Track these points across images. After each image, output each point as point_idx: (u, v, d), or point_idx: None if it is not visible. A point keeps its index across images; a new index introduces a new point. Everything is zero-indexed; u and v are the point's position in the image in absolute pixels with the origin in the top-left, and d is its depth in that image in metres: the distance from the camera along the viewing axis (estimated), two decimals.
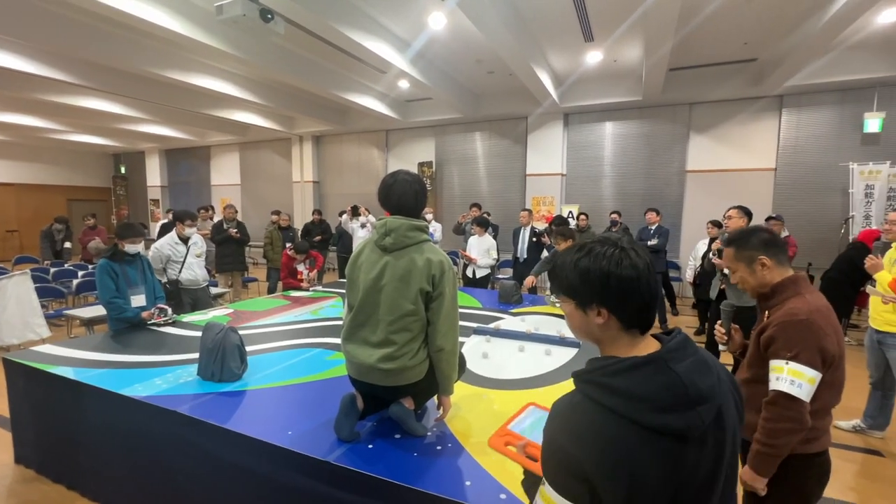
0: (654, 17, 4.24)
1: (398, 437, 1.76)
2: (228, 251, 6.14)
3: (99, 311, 4.04)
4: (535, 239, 6.14)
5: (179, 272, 3.97)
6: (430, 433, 1.80)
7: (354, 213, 7.13)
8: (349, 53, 6.10)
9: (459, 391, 2.01)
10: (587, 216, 7.43)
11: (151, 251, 3.93)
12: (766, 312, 1.51)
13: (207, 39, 4.95)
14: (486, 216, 6.40)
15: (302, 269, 4.92)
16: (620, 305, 0.77)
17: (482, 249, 5.54)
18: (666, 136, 7.82)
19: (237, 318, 3.54)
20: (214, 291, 5.17)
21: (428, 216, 7.36)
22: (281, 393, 2.19)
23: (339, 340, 1.83)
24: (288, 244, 6.11)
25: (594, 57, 6.32)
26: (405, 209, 1.70)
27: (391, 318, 1.65)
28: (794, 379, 1.33)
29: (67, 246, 8.14)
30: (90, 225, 7.64)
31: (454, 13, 4.71)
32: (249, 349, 2.60)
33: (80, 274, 6.30)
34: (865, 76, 6.08)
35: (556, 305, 3.88)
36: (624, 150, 8.15)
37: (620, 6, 4.77)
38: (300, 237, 7.13)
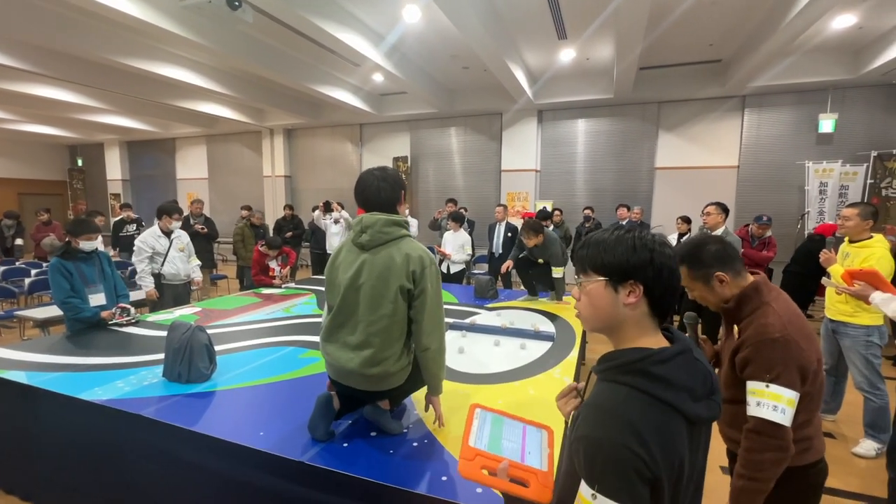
0: (624, 14, 4.32)
1: (374, 434, 1.75)
2: (196, 247, 5.90)
3: (54, 311, 3.84)
4: (509, 234, 6.19)
5: (162, 265, 3.98)
6: (405, 430, 1.79)
7: (327, 208, 7.00)
8: (322, 45, 5.96)
9: None
10: (561, 211, 7.55)
11: (136, 245, 3.97)
12: (734, 327, 1.44)
13: (170, 27, 4.72)
14: (462, 211, 6.40)
15: (274, 265, 4.80)
16: (656, 284, 0.78)
17: (457, 245, 5.55)
18: (636, 133, 8.02)
19: (205, 316, 3.42)
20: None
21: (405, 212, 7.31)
22: (252, 393, 2.13)
23: (313, 338, 1.79)
24: (260, 241, 5.96)
25: (567, 54, 6.40)
26: (380, 204, 1.64)
27: (371, 318, 1.59)
28: (776, 404, 1.26)
29: (19, 243, 7.74)
30: (44, 220, 7.25)
31: (429, 7, 4.66)
32: (219, 348, 2.51)
33: (33, 272, 5.98)
34: (820, 79, 6.40)
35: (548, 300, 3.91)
36: (596, 146, 8.31)
37: (593, 4, 4.84)
38: (272, 233, 6.95)
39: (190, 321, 2.36)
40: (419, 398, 1.89)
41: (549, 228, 6.12)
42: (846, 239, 2.93)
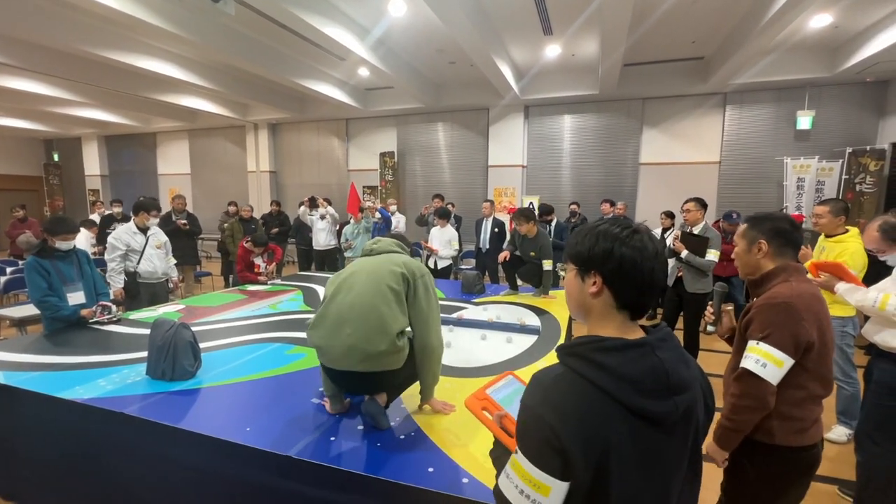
0: (608, 11, 4.36)
1: (360, 428, 1.76)
2: (178, 244, 5.81)
3: (32, 310, 3.75)
4: (496, 230, 6.22)
5: (138, 263, 3.86)
6: (393, 424, 1.80)
7: (312, 204, 6.94)
8: (306, 38, 5.88)
9: None
10: (553, 209, 7.58)
11: (109, 241, 3.83)
12: (753, 300, 1.53)
13: (150, 18, 4.59)
14: (448, 208, 6.41)
15: (259, 262, 4.75)
16: (617, 279, 0.79)
17: (443, 240, 5.56)
18: (621, 129, 8.11)
19: (189, 314, 3.38)
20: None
21: (392, 207, 7.30)
22: (238, 389, 2.12)
23: (300, 334, 1.79)
24: (246, 236, 5.89)
25: (553, 50, 6.43)
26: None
27: (362, 311, 1.67)
28: (759, 358, 1.36)
29: None
30: (19, 217, 7.05)
31: (415, 0, 4.63)
32: (204, 346, 2.49)
33: (8, 270, 5.80)
34: (798, 77, 6.55)
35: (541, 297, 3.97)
36: (582, 142, 8.38)
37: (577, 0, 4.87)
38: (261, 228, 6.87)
39: (173, 318, 2.33)
40: (408, 395, 1.90)
41: (552, 223, 6.19)
42: (822, 235, 3.03)
